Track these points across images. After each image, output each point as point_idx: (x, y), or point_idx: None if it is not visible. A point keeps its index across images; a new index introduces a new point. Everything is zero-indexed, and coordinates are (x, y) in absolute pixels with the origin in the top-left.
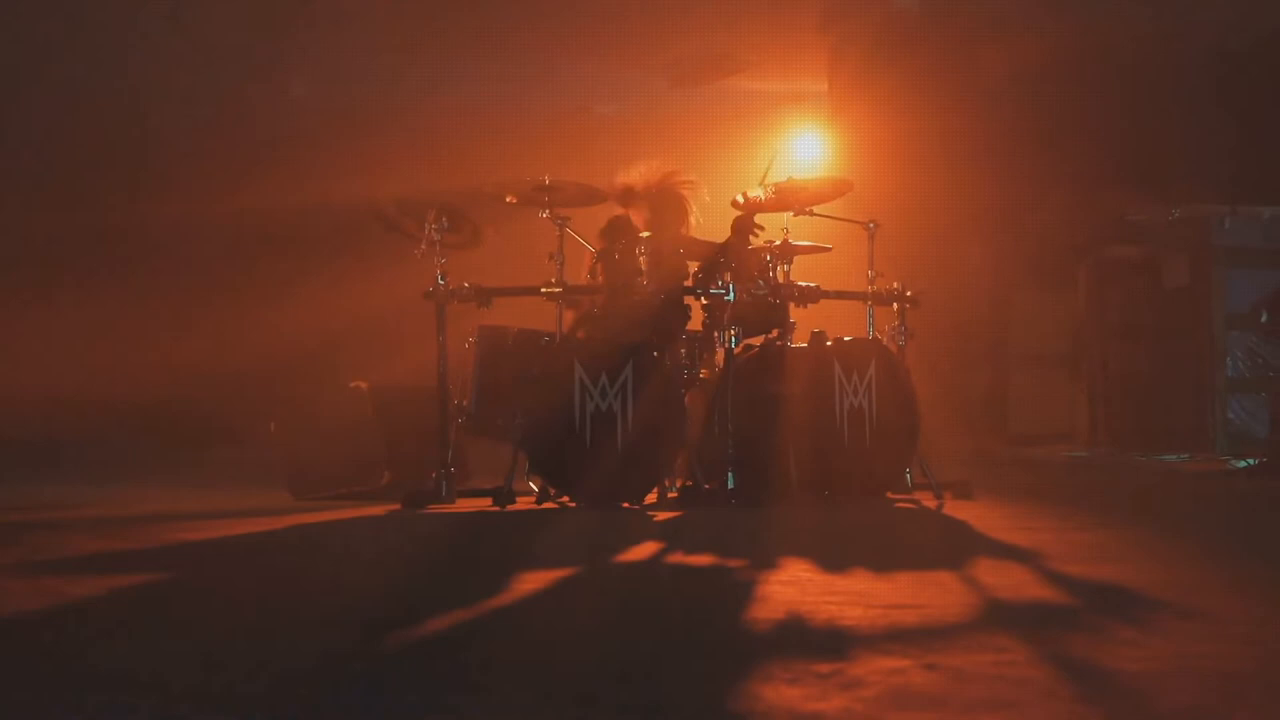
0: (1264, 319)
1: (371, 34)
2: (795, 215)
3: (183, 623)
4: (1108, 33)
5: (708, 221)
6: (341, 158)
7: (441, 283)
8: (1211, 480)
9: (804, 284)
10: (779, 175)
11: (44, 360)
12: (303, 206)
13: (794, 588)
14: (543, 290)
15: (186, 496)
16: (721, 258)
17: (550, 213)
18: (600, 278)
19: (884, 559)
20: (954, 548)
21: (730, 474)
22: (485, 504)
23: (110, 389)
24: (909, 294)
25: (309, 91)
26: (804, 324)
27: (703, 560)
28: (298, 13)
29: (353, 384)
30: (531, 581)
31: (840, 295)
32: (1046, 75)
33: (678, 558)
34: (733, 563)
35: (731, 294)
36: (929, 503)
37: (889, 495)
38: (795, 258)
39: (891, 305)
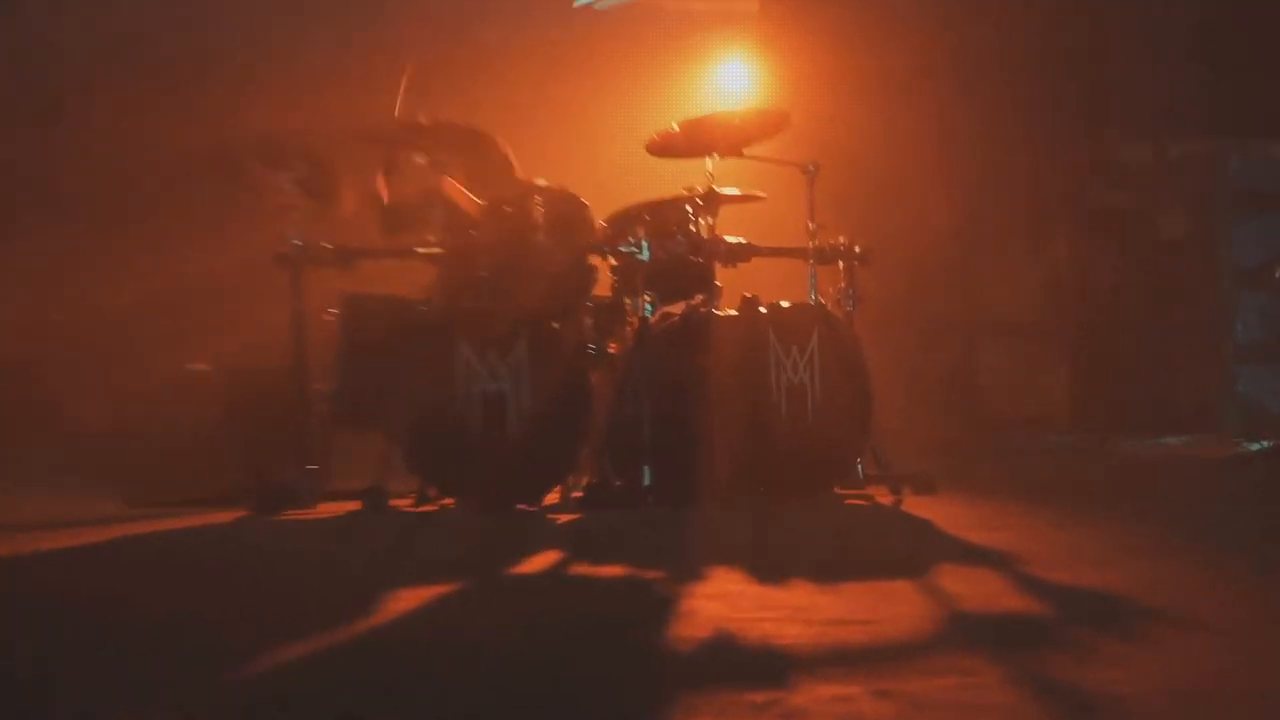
0: (1279, 275)
1: None
2: (721, 157)
3: None
4: None
5: (614, 175)
6: (174, 97)
7: (297, 243)
8: (1218, 466)
9: (732, 239)
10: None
11: None
12: (127, 151)
13: (723, 602)
14: (420, 250)
15: None
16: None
17: (429, 159)
18: (487, 233)
19: (829, 567)
20: (913, 552)
21: (645, 469)
22: (354, 507)
23: None
24: (857, 250)
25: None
26: (732, 287)
27: (613, 571)
28: None
29: (192, 366)
30: (409, 599)
31: (776, 252)
32: None
33: (583, 569)
34: (650, 574)
35: (646, 252)
36: (884, 499)
37: (837, 490)
38: (721, 208)
39: (837, 263)
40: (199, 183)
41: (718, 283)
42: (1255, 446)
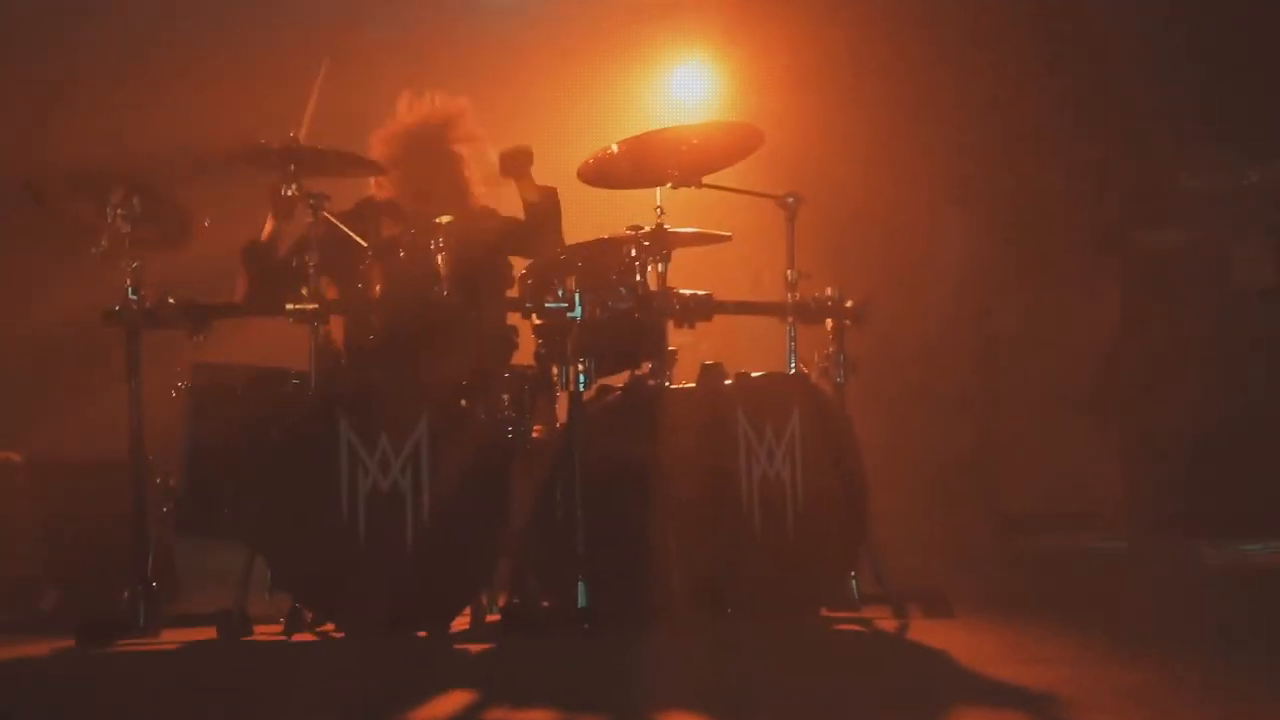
0: None
1: None
2: (674, 187)
3: None
4: None
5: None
6: None
7: (133, 297)
8: None
9: (688, 292)
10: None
11: None
12: None
13: None
14: (289, 307)
15: None
16: (565, 255)
17: (298, 189)
18: (377, 287)
19: (815, 710)
20: (923, 691)
21: (580, 585)
22: (206, 635)
23: None
24: (849, 304)
25: None
26: (689, 352)
27: (540, 718)
28: None
29: None
30: None
31: (745, 308)
32: None
33: (501, 714)
34: (585, 719)
35: (578, 309)
36: (886, 623)
37: (824, 612)
38: (675, 252)
39: (823, 322)
40: (11, 222)
41: (671, 347)
42: None
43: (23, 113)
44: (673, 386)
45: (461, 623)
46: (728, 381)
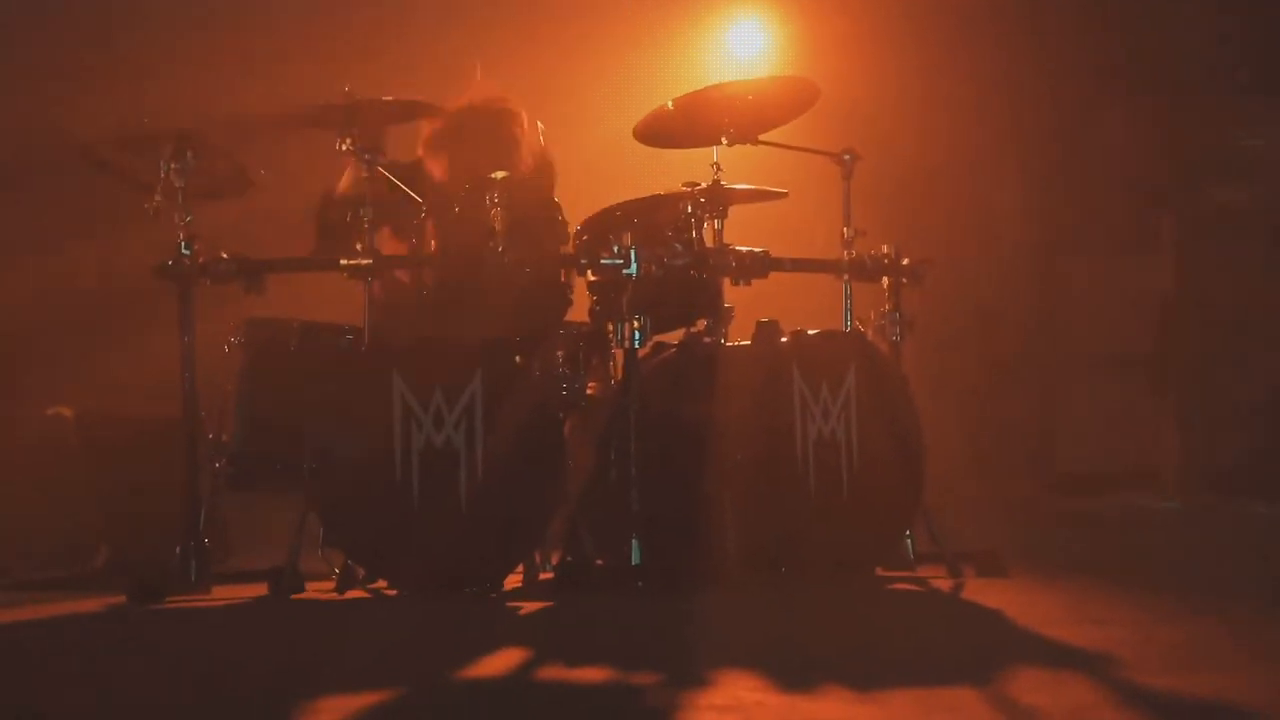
0: None
1: None
2: (730, 144)
3: None
4: None
5: (593, 168)
6: (22, 69)
7: (186, 252)
8: None
9: (745, 249)
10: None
11: None
12: None
13: (735, 715)
14: (344, 263)
15: None
16: (621, 212)
17: (353, 144)
18: (431, 243)
19: (871, 669)
20: (979, 650)
21: (634, 543)
22: (258, 592)
23: None
24: (905, 262)
25: None
26: (745, 310)
27: (593, 675)
28: None
29: (50, 411)
30: (330, 712)
31: (801, 265)
32: None
33: (554, 671)
34: (639, 678)
35: (634, 265)
36: (941, 582)
37: (879, 571)
38: (731, 209)
39: (879, 280)
40: (54, 176)
41: (727, 304)
42: None
43: (76, 78)
44: (728, 344)
45: (514, 580)
46: (783, 339)
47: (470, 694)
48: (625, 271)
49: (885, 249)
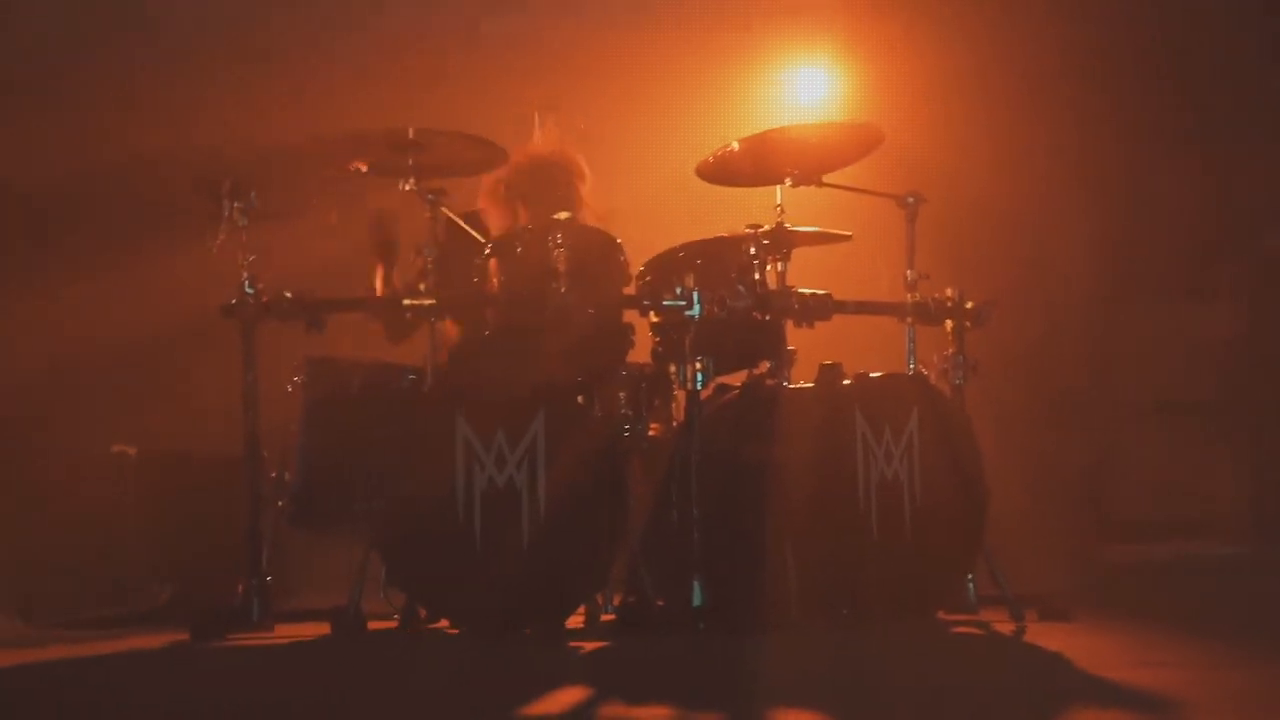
0: None
1: None
2: (794, 185)
3: None
4: None
5: (657, 208)
6: (95, 99)
7: (249, 291)
8: None
9: (808, 291)
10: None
11: None
12: (32, 175)
13: None
14: (406, 303)
15: None
16: (684, 253)
17: (416, 184)
18: (494, 283)
19: (933, 711)
20: (1043, 694)
21: (696, 585)
22: (320, 631)
23: None
24: (969, 306)
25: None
26: (808, 352)
27: (654, 715)
28: None
29: (113, 449)
30: None
31: (864, 308)
32: None
33: (615, 711)
34: (700, 718)
35: (696, 306)
36: (1003, 625)
37: (941, 615)
38: (794, 251)
39: (943, 323)
40: (121, 211)
41: (789, 347)
42: None
43: (142, 108)
44: (791, 386)
45: (576, 621)
46: (846, 382)
47: None
48: (688, 313)
49: (949, 292)
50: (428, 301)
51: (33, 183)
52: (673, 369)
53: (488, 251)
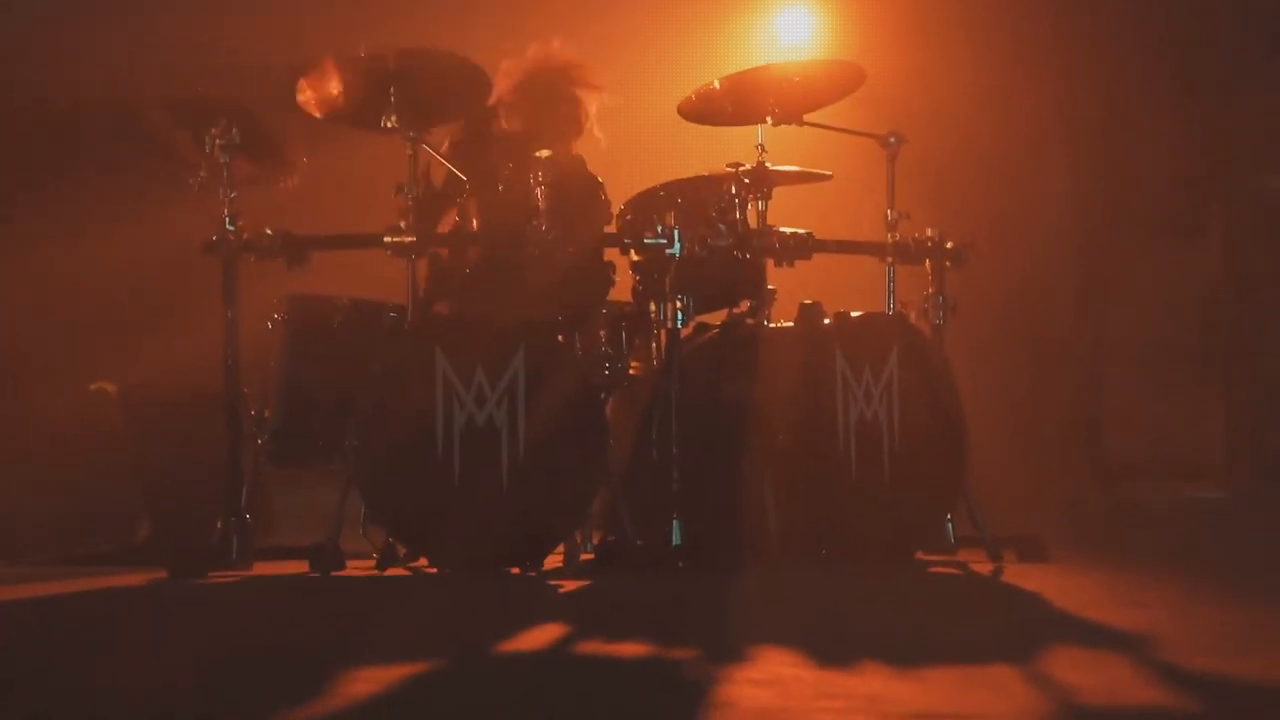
0: None
1: None
2: (775, 124)
3: None
4: None
5: (638, 146)
6: (68, 37)
7: (231, 228)
8: None
9: (788, 230)
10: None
11: None
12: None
13: (772, 690)
14: (387, 240)
15: None
16: (665, 191)
17: (397, 121)
18: (474, 221)
19: (909, 648)
20: (1018, 631)
21: (675, 523)
22: (299, 569)
23: None
24: (949, 246)
25: None
26: (788, 292)
27: (632, 650)
28: None
29: (93, 386)
30: (369, 682)
31: (845, 247)
32: None
33: (594, 647)
34: (679, 654)
35: (677, 245)
36: (981, 566)
37: (920, 555)
38: (775, 190)
39: (923, 263)
40: (98, 148)
41: (770, 286)
42: None
43: (117, 33)
44: (771, 325)
45: (555, 560)
46: (826, 321)
47: (508, 666)
48: (669, 251)
49: (929, 232)
50: (409, 239)
51: (8, 122)
52: (653, 307)
53: (468, 189)
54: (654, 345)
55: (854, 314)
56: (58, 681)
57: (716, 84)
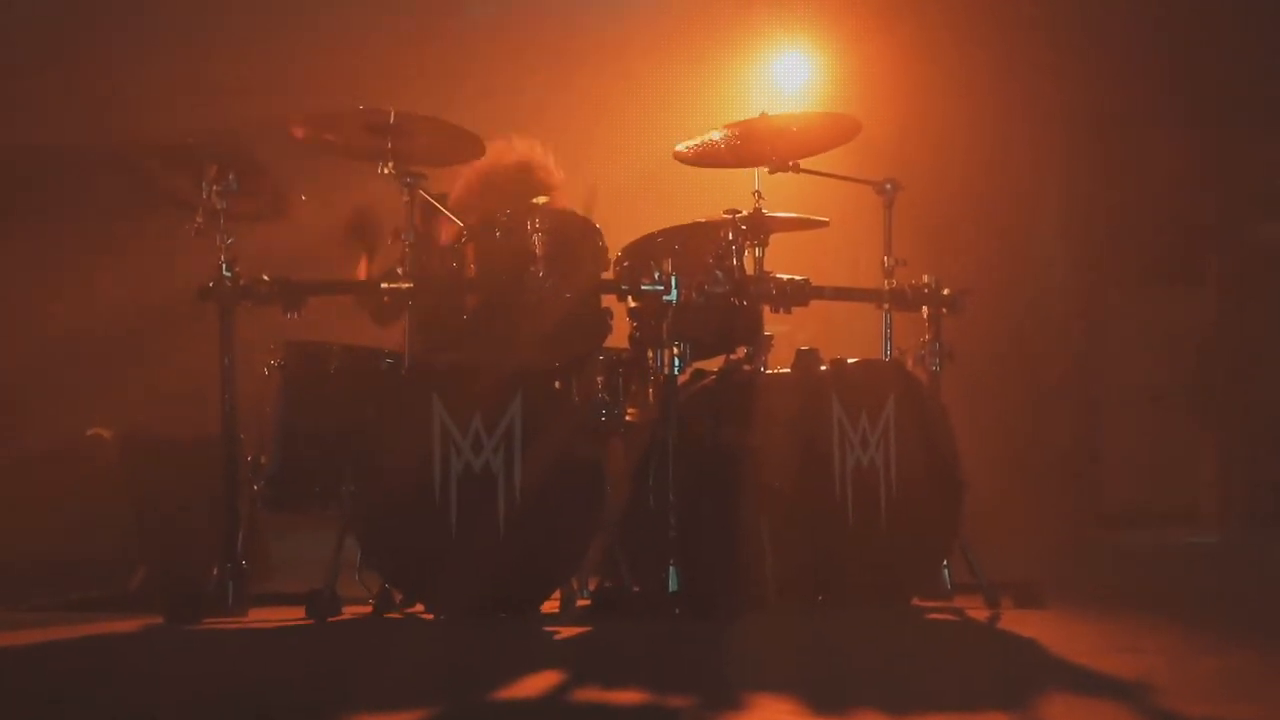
0: None
1: None
2: (772, 172)
3: None
4: None
5: (635, 193)
6: (68, 80)
7: (227, 274)
8: None
9: (785, 276)
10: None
11: None
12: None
13: None
14: (385, 286)
15: None
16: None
17: (395, 168)
18: (472, 267)
19: (906, 694)
20: (1015, 678)
21: (672, 569)
22: (295, 615)
23: None
24: (945, 293)
25: None
26: (785, 338)
27: (629, 698)
28: None
29: (90, 432)
30: None
31: (841, 294)
32: None
33: (590, 694)
34: (675, 700)
35: (674, 292)
36: (977, 612)
37: (916, 601)
38: (772, 236)
39: (919, 310)
40: (96, 191)
41: (767, 332)
42: None
43: (123, 88)
44: (767, 372)
45: (551, 606)
46: (823, 368)
47: (505, 713)
48: (665, 298)
49: (926, 279)
50: (405, 285)
51: (7, 166)
52: (650, 354)
53: (465, 236)
54: (651, 391)
55: (850, 360)
56: None
57: (715, 135)
